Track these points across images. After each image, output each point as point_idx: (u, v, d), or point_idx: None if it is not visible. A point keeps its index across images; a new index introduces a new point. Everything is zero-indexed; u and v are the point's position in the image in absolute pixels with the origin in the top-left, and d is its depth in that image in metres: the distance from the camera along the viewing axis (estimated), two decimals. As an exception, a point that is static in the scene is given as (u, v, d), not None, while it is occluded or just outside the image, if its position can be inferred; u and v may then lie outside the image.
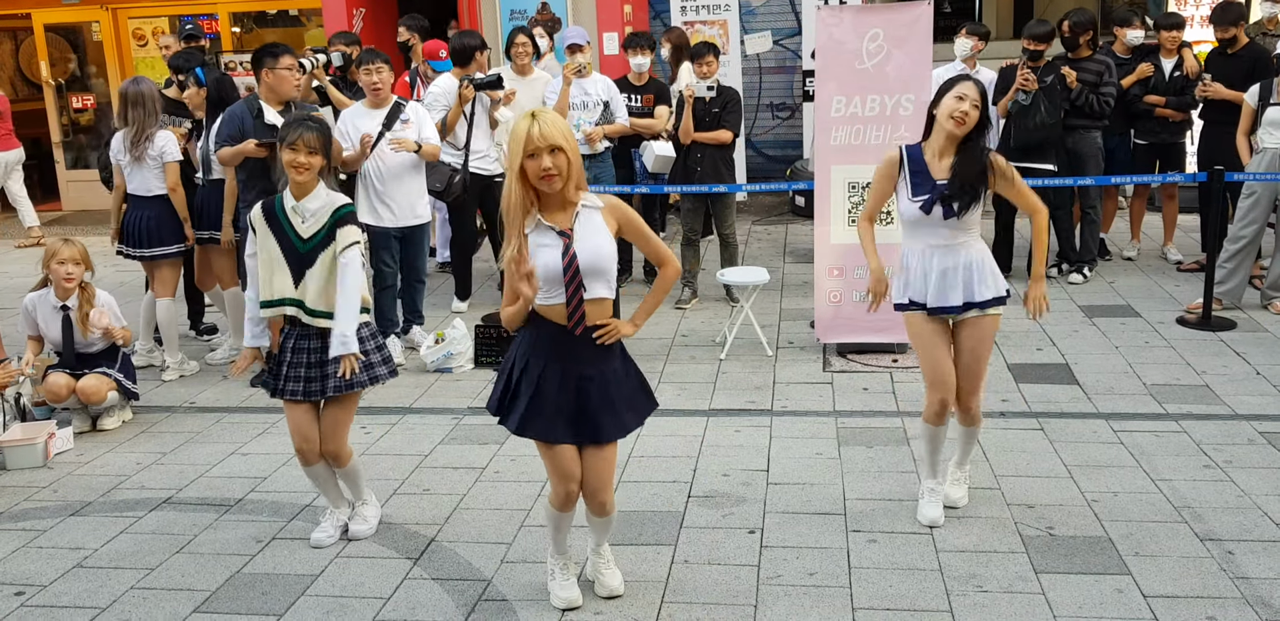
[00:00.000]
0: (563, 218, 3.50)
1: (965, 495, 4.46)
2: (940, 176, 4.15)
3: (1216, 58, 7.75)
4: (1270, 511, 4.30)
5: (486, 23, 11.17)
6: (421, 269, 6.87)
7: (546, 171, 3.37)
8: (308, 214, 4.17)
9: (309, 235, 4.17)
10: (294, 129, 4.13)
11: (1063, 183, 7.35)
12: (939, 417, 4.31)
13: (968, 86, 4.10)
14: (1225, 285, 6.98)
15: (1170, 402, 5.51)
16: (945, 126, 4.12)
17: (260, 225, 4.20)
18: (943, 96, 4.14)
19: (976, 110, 4.09)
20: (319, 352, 4.20)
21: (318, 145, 4.14)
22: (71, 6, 12.79)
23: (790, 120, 12.13)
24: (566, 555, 3.88)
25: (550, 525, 3.81)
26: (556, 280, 3.47)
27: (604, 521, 3.78)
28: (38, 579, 4.15)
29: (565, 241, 3.46)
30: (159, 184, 6.42)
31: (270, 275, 4.18)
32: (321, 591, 3.98)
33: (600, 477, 3.64)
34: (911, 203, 4.17)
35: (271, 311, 4.21)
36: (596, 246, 3.48)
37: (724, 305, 7.63)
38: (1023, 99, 7.42)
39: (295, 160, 4.11)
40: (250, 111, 6.12)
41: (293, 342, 4.25)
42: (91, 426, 5.73)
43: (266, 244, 4.18)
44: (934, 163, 4.19)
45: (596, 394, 3.57)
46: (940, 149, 4.19)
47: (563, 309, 3.50)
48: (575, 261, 3.45)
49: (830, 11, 6.33)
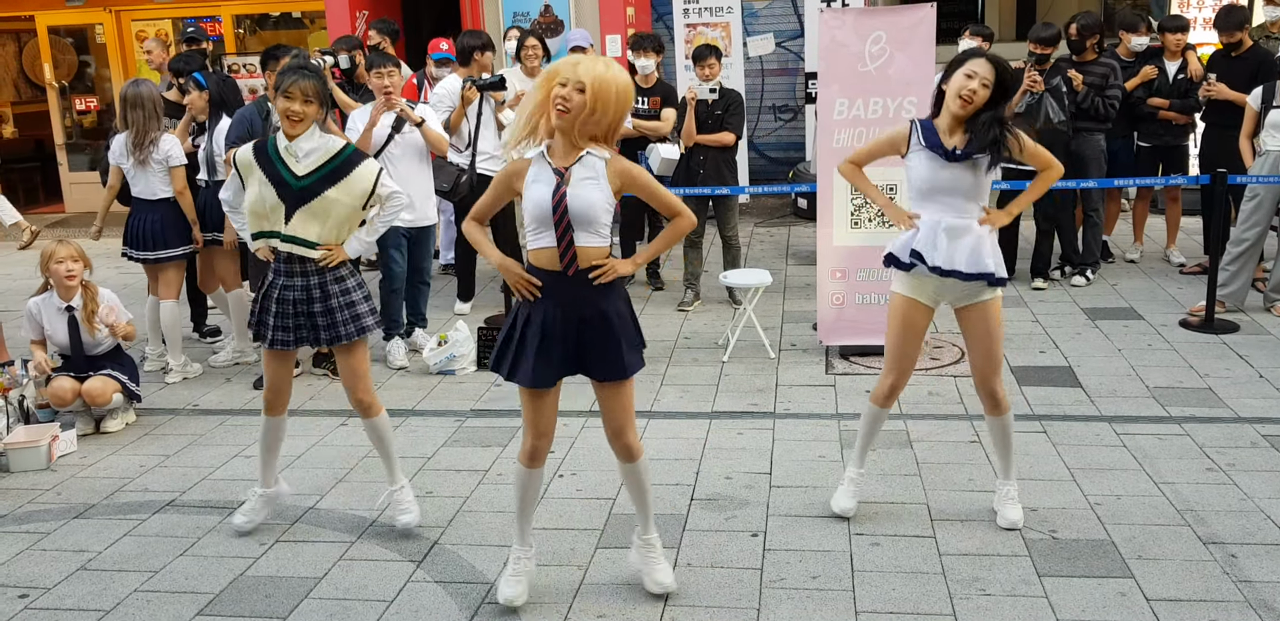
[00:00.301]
0: (564, 157, 3.50)
1: (1021, 515, 4.26)
2: (954, 146, 4.01)
3: (1221, 60, 7.75)
4: (1273, 514, 4.29)
5: (489, 25, 11.18)
6: (426, 271, 6.88)
7: (559, 99, 3.37)
8: (301, 153, 4.15)
9: (304, 172, 4.15)
10: (289, 76, 4.09)
11: (1065, 185, 7.35)
12: (887, 400, 4.28)
13: (979, 63, 3.90)
14: (1228, 288, 6.98)
15: (1173, 405, 5.51)
16: (951, 107, 3.97)
17: (247, 163, 4.18)
18: (953, 71, 3.97)
19: (986, 89, 3.90)
20: (304, 302, 4.24)
21: (314, 93, 4.10)
22: (75, 9, 12.82)
23: (792, 122, 12.14)
24: (526, 544, 3.86)
25: (517, 489, 3.80)
26: (546, 219, 3.47)
27: (635, 471, 3.75)
28: (42, 581, 4.16)
29: (558, 180, 3.46)
30: (164, 187, 6.42)
31: (257, 213, 4.18)
32: (325, 594, 3.98)
33: (618, 418, 3.66)
34: (931, 158, 3.99)
35: (260, 242, 4.26)
36: (588, 195, 3.46)
37: (726, 307, 7.63)
38: (1030, 100, 7.43)
39: (290, 108, 4.08)
40: (260, 113, 6.14)
41: (278, 292, 4.26)
42: (95, 429, 5.73)
43: (253, 180, 4.17)
44: (946, 139, 4.04)
45: (598, 334, 3.55)
46: (948, 127, 4.04)
47: (554, 252, 3.50)
48: (565, 201, 3.44)
49: (833, 14, 6.33)
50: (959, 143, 4.02)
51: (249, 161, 4.20)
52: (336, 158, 4.20)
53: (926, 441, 5.16)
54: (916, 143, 4.11)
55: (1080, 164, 7.64)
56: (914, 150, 4.12)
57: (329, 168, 4.18)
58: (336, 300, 4.27)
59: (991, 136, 3.96)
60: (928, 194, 4.10)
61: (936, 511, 4.44)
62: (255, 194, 4.17)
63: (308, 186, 4.16)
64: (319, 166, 4.17)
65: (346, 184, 4.21)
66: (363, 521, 4.56)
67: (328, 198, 4.18)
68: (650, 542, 3.87)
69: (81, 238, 7.02)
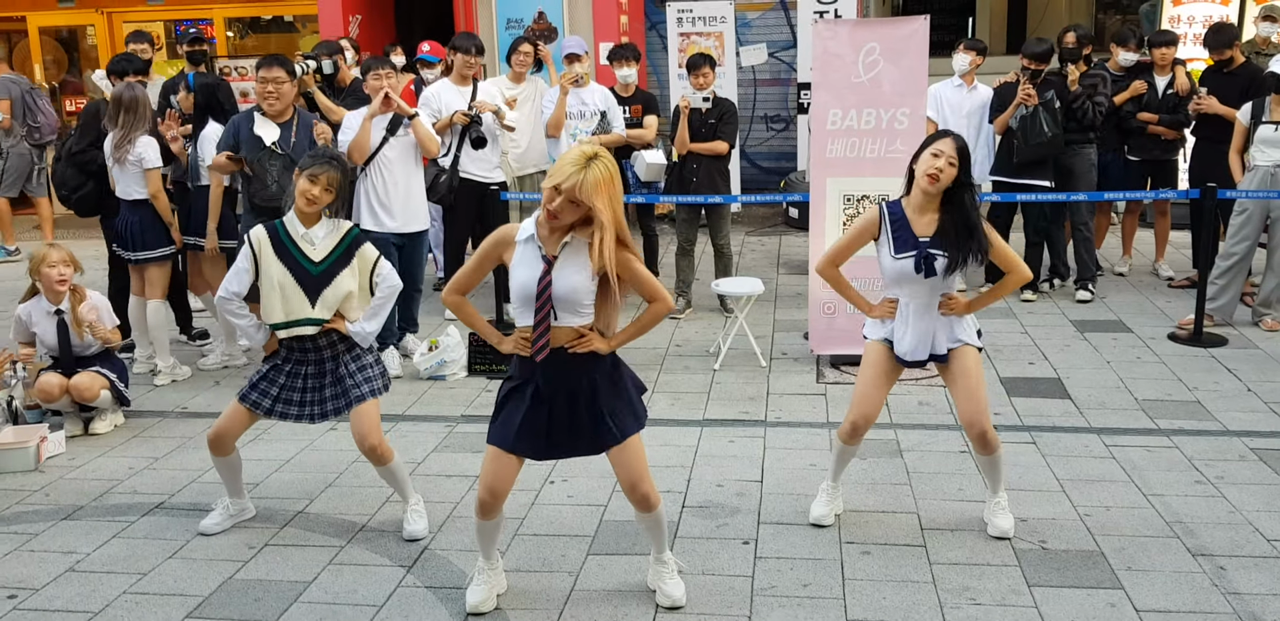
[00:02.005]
0: (554, 242, 3.52)
1: (1012, 524, 4.30)
2: (922, 233, 4.09)
3: (1213, 75, 7.80)
4: (1261, 527, 4.32)
5: (483, 31, 11.20)
6: (419, 278, 6.87)
7: (550, 211, 3.40)
8: (316, 239, 4.29)
9: (320, 258, 4.28)
10: (319, 163, 4.24)
11: (1055, 198, 7.39)
12: (851, 437, 4.32)
13: (945, 143, 4.01)
14: (1217, 302, 7.02)
15: (1162, 418, 5.54)
16: (920, 185, 4.05)
17: (266, 252, 4.27)
18: (923, 151, 4.07)
19: (953, 167, 3.99)
20: (315, 377, 4.33)
21: (336, 185, 4.25)
22: (67, 10, 12.80)
23: (785, 132, 12.18)
24: (492, 560, 3.89)
25: (476, 532, 3.85)
26: (529, 301, 3.52)
27: (652, 519, 3.77)
28: (30, 582, 4.14)
29: (545, 267, 3.49)
30: (139, 189, 6.43)
31: (281, 300, 4.25)
32: (314, 598, 3.97)
33: (630, 474, 3.67)
34: (895, 260, 4.11)
35: (286, 332, 4.29)
36: (573, 283, 3.50)
37: (718, 315, 7.65)
38: (1025, 112, 7.47)
39: (310, 193, 4.22)
40: (249, 120, 6.12)
41: (290, 366, 4.34)
42: (84, 430, 5.71)
43: (272, 270, 4.26)
44: (915, 219, 4.11)
45: (588, 407, 3.60)
46: (920, 205, 4.11)
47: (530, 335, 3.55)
48: (549, 289, 3.48)
49: (826, 25, 6.37)
50: (927, 225, 4.09)
51: (267, 250, 4.27)
52: (345, 239, 4.33)
53: (917, 451, 5.17)
54: (885, 232, 4.16)
55: (1069, 178, 7.68)
56: (882, 235, 4.17)
57: (340, 250, 4.31)
58: (345, 368, 4.34)
59: (966, 250, 4.04)
60: (895, 281, 4.18)
61: (927, 520, 4.45)
62: (268, 284, 4.26)
63: (326, 270, 4.28)
64: (332, 249, 4.30)
65: (355, 266, 4.33)
66: (353, 526, 4.55)
67: (343, 278, 4.30)
68: (664, 560, 3.89)
69: (79, 241, 6.99)
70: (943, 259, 4.05)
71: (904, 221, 4.13)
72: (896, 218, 4.14)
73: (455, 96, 7.21)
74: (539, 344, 3.53)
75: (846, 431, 4.31)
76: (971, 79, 8.09)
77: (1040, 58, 7.56)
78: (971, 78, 8.09)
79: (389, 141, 6.43)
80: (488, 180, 7.39)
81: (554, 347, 3.54)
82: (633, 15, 11.45)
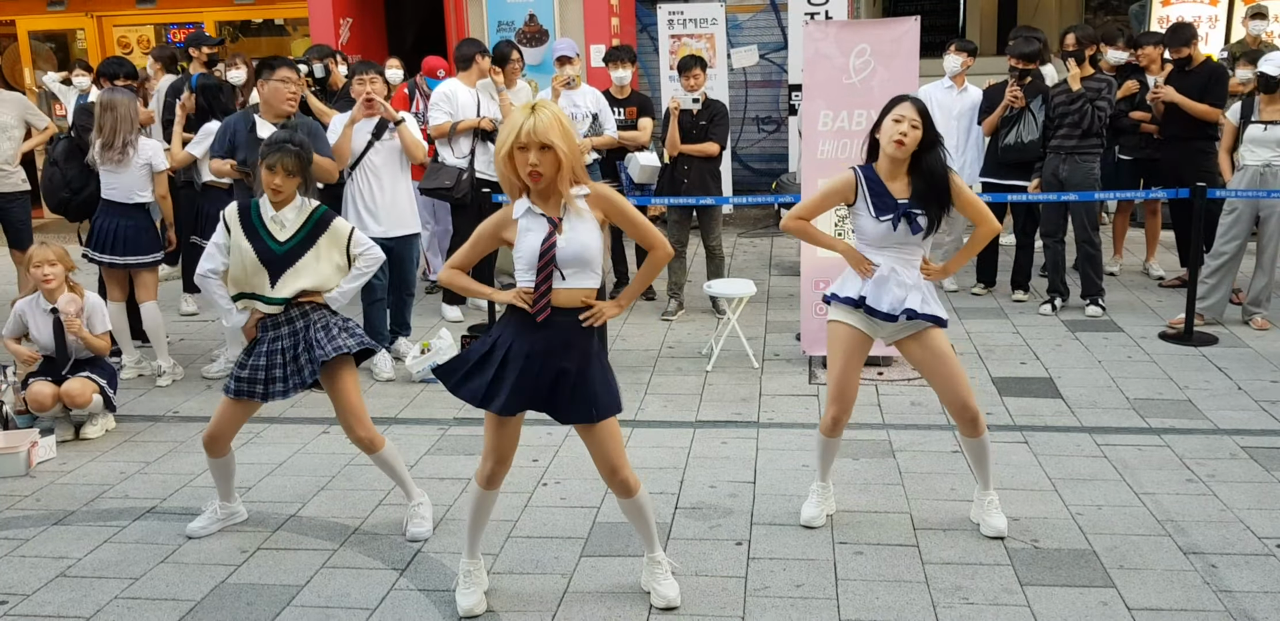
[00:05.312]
0: (552, 205, 3.53)
1: (1004, 522, 4.29)
2: (900, 196, 4.09)
3: (1176, 75, 7.85)
4: (1252, 525, 4.33)
5: (473, 34, 11.19)
6: (410, 282, 6.86)
7: (533, 167, 3.40)
8: (286, 221, 4.35)
9: (285, 238, 4.33)
10: (274, 152, 4.28)
11: (1045, 198, 7.39)
12: (831, 430, 4.33)
13: (905, 107, 4.01)
14: (1207, 301, 7.04)
15: (1153, 417, 5.55)
16: (887, 150, 4.05)
17: (235, 227, 4.35)
18: (883, 119, 4.07)
19: (916, 130, 4.00)
20: (290, 349, 4.33)
21: (295, 168, 4.30)
22: (57, 13, 12.77)
23: (776, 133, 12.19)
24: (476, 559, 3.90)
25: (471, 508, 3.83)
26: (534, 265, 3.52)
27: (634, 505, 3.76)
28: (21, 588, 4.12)
29: (551, 228, 3.49)
30: (141, 192, 6.42)
31: (244, 274, 4.32)
32: (307, 602, 3.96)
33: (609, 456, 3.66)
34: (879, 222, 4.09)
35: (241, 303, 4.38)
36: (583, 241, 3.51)
37: (710, 317, 7.65)
38: (1010, 114, 7.49)
39: (271, 182, 4.29)
40: (245, 124, 6.11)
41: (265, 346, 4.34)
42: (74, 435, 5.69)
43: (240, 245, 4.32)
44: (889, 184, 4.12)
45: (574, 374, 3.58)
46: (889, 171, 4.12)
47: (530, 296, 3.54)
48: (553, 250, 3.48)
49: (817, 26, 6.37)
50: (902, 190, 4.10)
51: (236, 226, 4.35)
52: (310, 219, 4.38)
53: (909, 451, 5.18)
54: (862, 196, 4.14)
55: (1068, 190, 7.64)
56: (859, 199, 4.16)
57: (305, 230, 4.36)
58: (315, 331, 4.34)
59: (944, 209, 4.07)
60: (876, 245, 4.16)
61: (919, 520, 4.45)
62: (236, 259, 4.31)
63: (290, 250, 4.33)
64: (296, 230, 4.35)
65: (324, 244, 4.37)
66: (345, 529, 4.55)
67: (308, 259, 4.34)
68: (657, 560, 3.89)
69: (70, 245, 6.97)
70: (923, 218, 4.07)
71: (881, 185, 4.12)
72: (873, 181, 4.13)
73: (469, 97, 7.28)
74: (540, 303, 3.52)
75: (828, 425, 4.32)
76: (962, 80, 8.12)
77: (1028, 58, 7.57)
78: (962, 79, 8.12)
79: (374, 146, 6.43)
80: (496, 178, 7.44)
81: (554, 307, 3.53)
82: (624, 17, 11.45)
